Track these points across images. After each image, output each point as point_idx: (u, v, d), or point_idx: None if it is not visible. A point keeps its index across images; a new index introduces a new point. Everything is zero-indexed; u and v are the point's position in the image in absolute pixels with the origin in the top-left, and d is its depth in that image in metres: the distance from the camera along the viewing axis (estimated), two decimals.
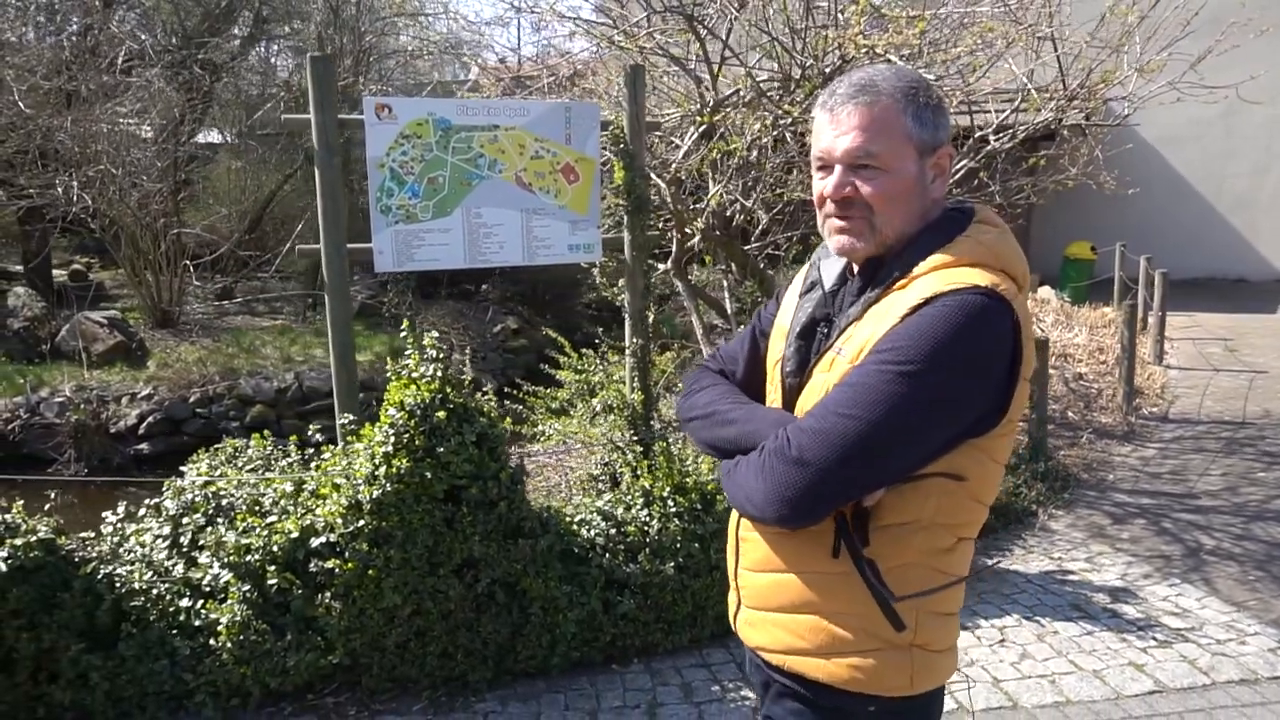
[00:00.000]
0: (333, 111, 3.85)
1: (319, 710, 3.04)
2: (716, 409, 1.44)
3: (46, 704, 2.90)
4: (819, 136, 1.33)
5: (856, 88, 1.28)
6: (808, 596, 1.33)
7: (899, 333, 1.20)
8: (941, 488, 1.26)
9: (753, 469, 1.28)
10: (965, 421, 1.23)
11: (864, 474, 1.21)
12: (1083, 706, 3.08)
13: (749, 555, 1.41)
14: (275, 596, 2.99)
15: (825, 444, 1.19)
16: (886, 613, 1.29)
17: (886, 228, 1.29)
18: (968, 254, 1.26)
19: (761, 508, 1.26)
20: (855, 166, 1.28)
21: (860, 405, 1.18)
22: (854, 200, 1.29)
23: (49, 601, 2.87)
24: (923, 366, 1.17)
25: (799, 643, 1.34)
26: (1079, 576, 4.11)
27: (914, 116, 1.28)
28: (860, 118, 1.27)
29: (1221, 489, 5.22)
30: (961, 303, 1.19)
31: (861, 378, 1.21)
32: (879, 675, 1.31)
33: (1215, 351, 9.11)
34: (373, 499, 2.89)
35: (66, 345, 7.88)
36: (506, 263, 4.36)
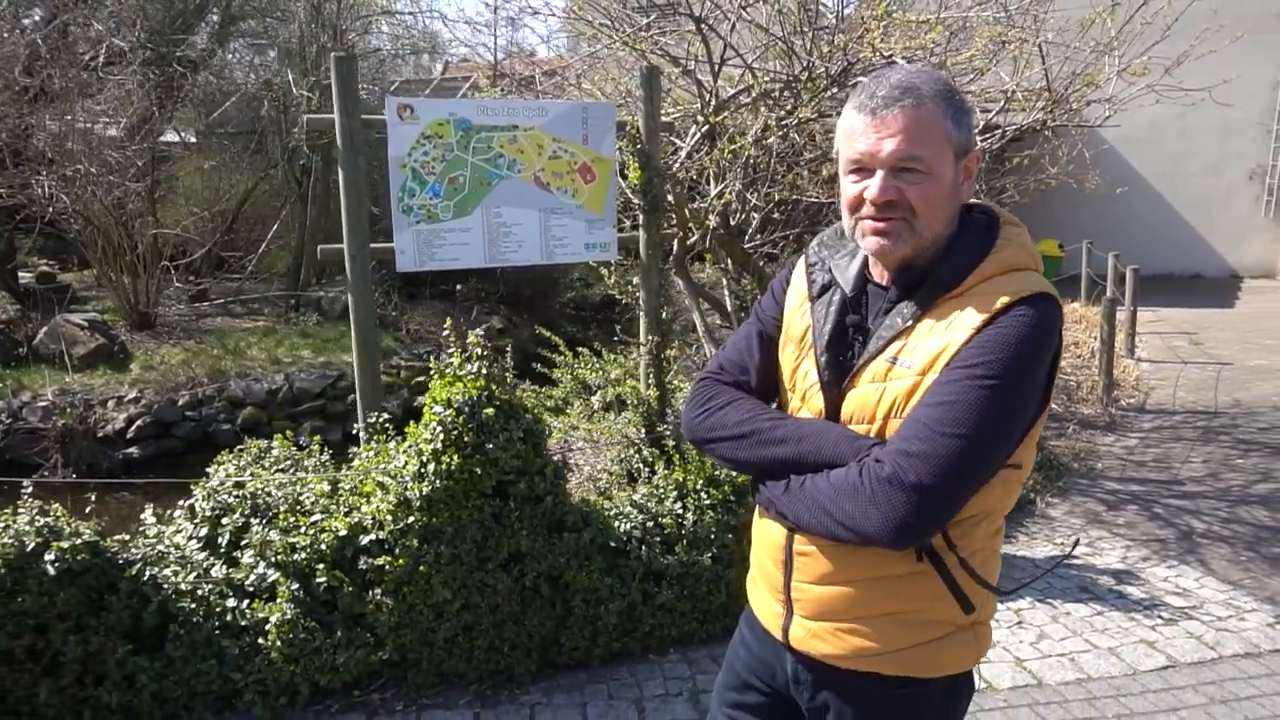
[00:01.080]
0: (357, 111, 3.86)
1: (366, 706, 3.06)
2: (755, 427, 1.41)
3: (93, 707, 2.88)
4: (855, 139, 1.31)
5: (900, 90, 1.27)
6: (882, 600, 1.35)
7: (981, 346, 1.22)
8: (1004, 478, 1.31)
9: (854, 495, 1.26)
10: (1031, 415, 1.29)
11: (972, 485, 1.25)
12: (1103, 682, 3.23)
13: (809, 570, 1.40)
14: (323, 594, 3.01)
15: (940, 467, 1.20)
16: (959, 599, 1.34)
17: (926, 231, 1.30)
18: (1019, 260, 1.31)
19: (874, 535, 1.24)
20: (899, 170, 1.28)
21: (965, 424, 1.20)
22: (897, 203, 1.28)
23: (95, 604, 2.86)
24: (1013, 379, 1.21)
25: (874, 645, 1.36)
26: (1083, 560, 4.28)
27: (953, 119, 1.29)
28: (906, 121, 1.26)
29: (1204, 475, 5.46)
30: (1036, 313, 1.23)
31: (956, 394, 1.21)
32: (952, 656, 1.37)
33: (1181, 345, 9.47)
34: (423, 495, 2.92)
35: (46, 348, 7.69)
36: (525, 262, 4.40)
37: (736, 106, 5.41)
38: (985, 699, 3.13)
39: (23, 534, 2.77)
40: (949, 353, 1.24)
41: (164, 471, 6.65)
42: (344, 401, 7.85)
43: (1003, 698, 3.14)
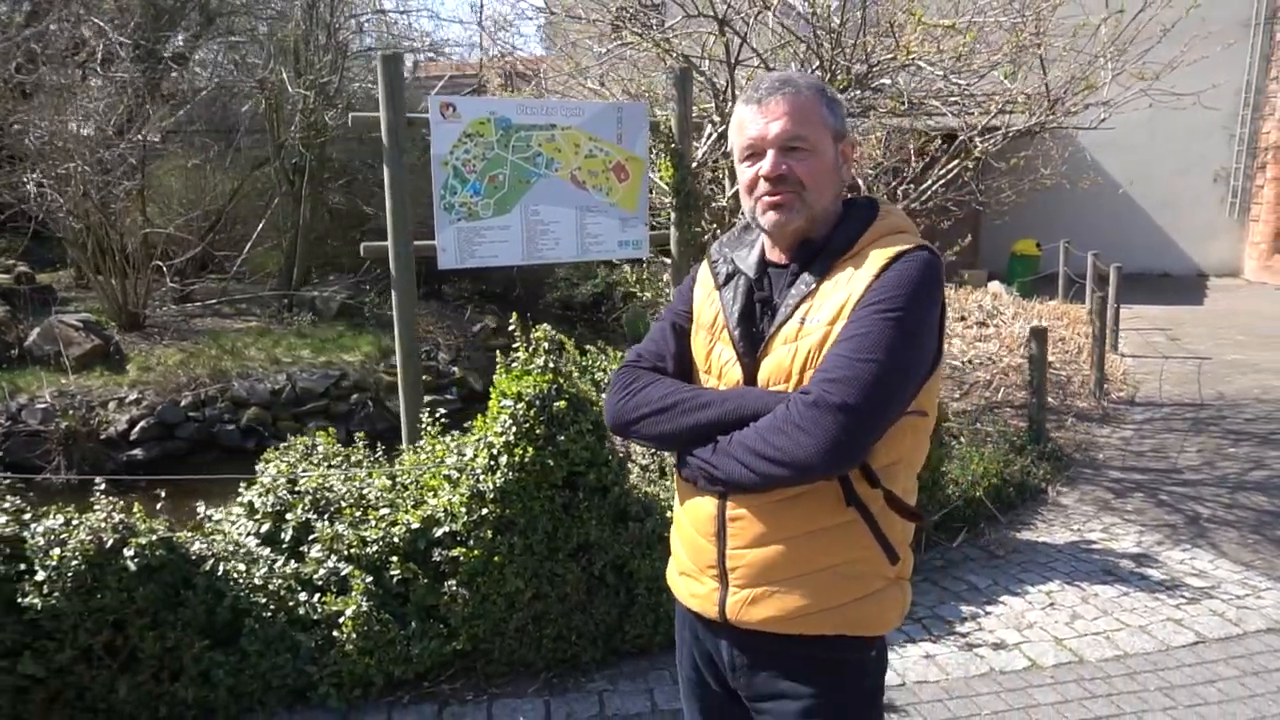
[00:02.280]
0: (402, 110, 3.90)
1: (436, 697, 3.10)
2: (678, 398, 1.47)
3: (168, 702, 2.89)
4: (746, 128, 1.46)
5: (779, 82, 1.45)
6: (817, 554, 1.41)
7: (883, 286, 1.35)
8: (913, 425, 1.42)
9: (785, 427, 1.32)
10: (930, 357, 1.41)
11: (891, 409, 1.34)
12: (1140, 658, 3.39)
13: (743, 534, 1.44)
14: (395, 587, 3.05)
15: (861, 387, 1.29)
16: (885, 549, 1.42)
17: (815, 203, 1.44)
18: (900, 225, 1.47)
19: (808, 460, 1.30)
20: (787, 149, 1.43)
21: (876, 349, 1.31)
22: (787, 177, 1.42)
23: (172, 600, 2.86)
24: (909, 312, 1.34)
25: (812, 603, 1.41)
26: (1101, 545, 4.46)
27: (827, 107, 1.46)
28: (788, 105, 1.43)
29: (1201, 464, 5.69)
30: (922, 258, 1.39)
31: (865, 327, 1.33)
32: (882, 612, 1.45)
33: (1160, 340, 9.80)
34: (496, 487, 2.97)
35: (39, 349, 7.54)
36: (561, 259, 4.47)
37: None
38: (1034, 676, 3.27)
39: (101, 531, 2.77)
40: (853, 299, 1.36)
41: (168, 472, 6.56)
42: (347, 401, 7.82)
43: (1049, 675, 3.28)
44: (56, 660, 2.74)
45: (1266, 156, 13.50)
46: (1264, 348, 9.20)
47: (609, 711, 3.03)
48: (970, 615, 3.75)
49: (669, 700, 3.09)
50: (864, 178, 5.73)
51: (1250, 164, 13.79)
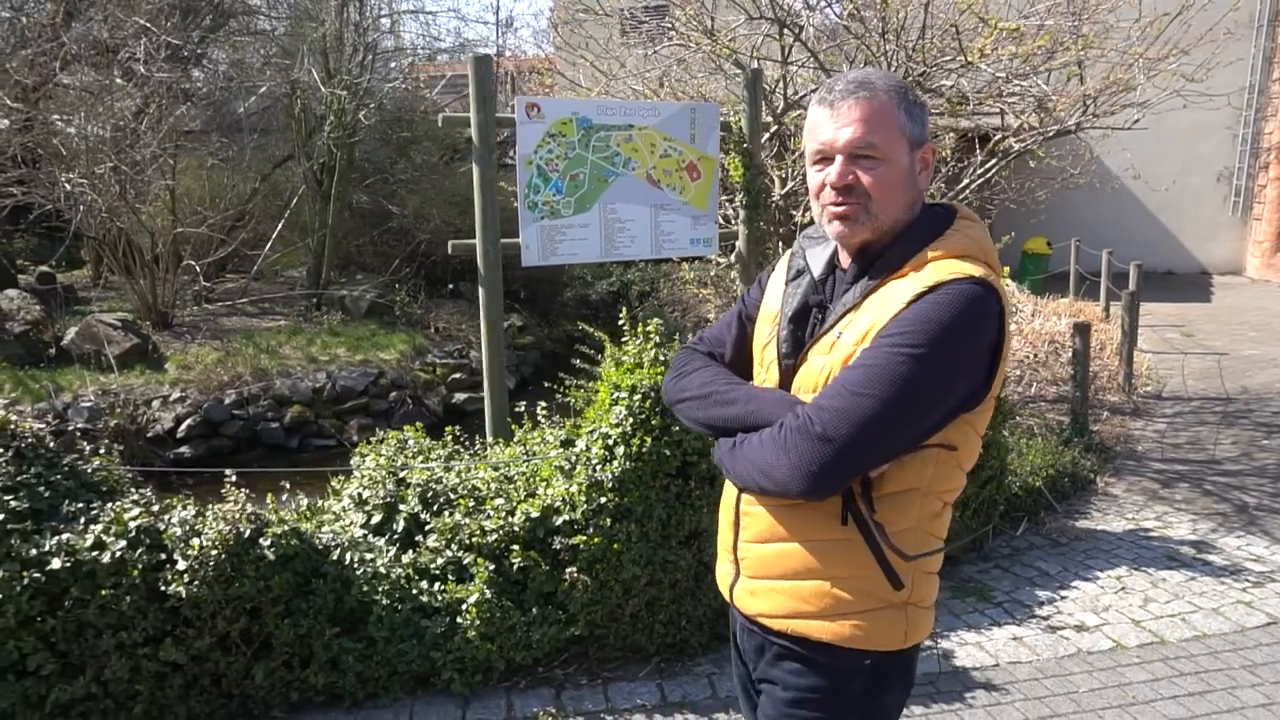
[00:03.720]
0: (492, 110, 3.97)
1: (552, 681, 3.19)
2: (714, 389, 1.49)
3: (299, 688, 2.97)
4: (817, 131, 1.41)
5: (855, 84, 1.38)
6: (813, 563, 1.41)
7: (906, 318, 1.29)
8: (937, 457, 1.37)
9: (772, 445, 1.34)
10: (960, 397, 1.34)
11: (880, 448, 1.30)
12: (1218, 639, 3.52)
13: (751, 528, 1.48)
14: (515, 575, 3.13)
15: (847, 422, 1.27)
16: (887, 573, 1.39)
17: (882, 214, 1.38)
18: (959, 247, 1.37)
19: (785, 482, 1.32)
20: (855, 156, 1.37)
21: (876, 385, 1.27)
22: (854, 187, 1.37)
23: (303, 588, 2.94)
24: (929, 350, 1.27)
25: (803, 607, 1.42)
26: (1158, 533, 4.60)
27: (906, 112, 1.38)
28: (861, 110, 1.36)
29: (1239, 455, 5.86)
30: (960, 291, 1.29)
31: (875, 359, 1.29)
32: (878, 632, 1.42)
33: (1175, 337, 9.99)
34: (614, 477, 3.07)
35: (78, 348, 7.55)
36: (637, 256, 4.56)
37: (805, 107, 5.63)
38: (1120, 656, 3.39)
39: (236, 521, 2.85)
40: (879, 325, 1.32)
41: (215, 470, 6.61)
42: (386, 399, 7.88)
43: (1135, 655, 3.41)
44: (195, 647, 2.81)
45: (1269, 156, 13.76)
46: (1279, 343, 9.41)
47: (720, 694, 3.13)
48: (1047, 600, 3.87)
49: None
50: None
51: (1253, 164, 14.05)
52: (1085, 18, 4.88)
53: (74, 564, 2.72)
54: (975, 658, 3.40)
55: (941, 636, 3.56)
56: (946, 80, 4.81)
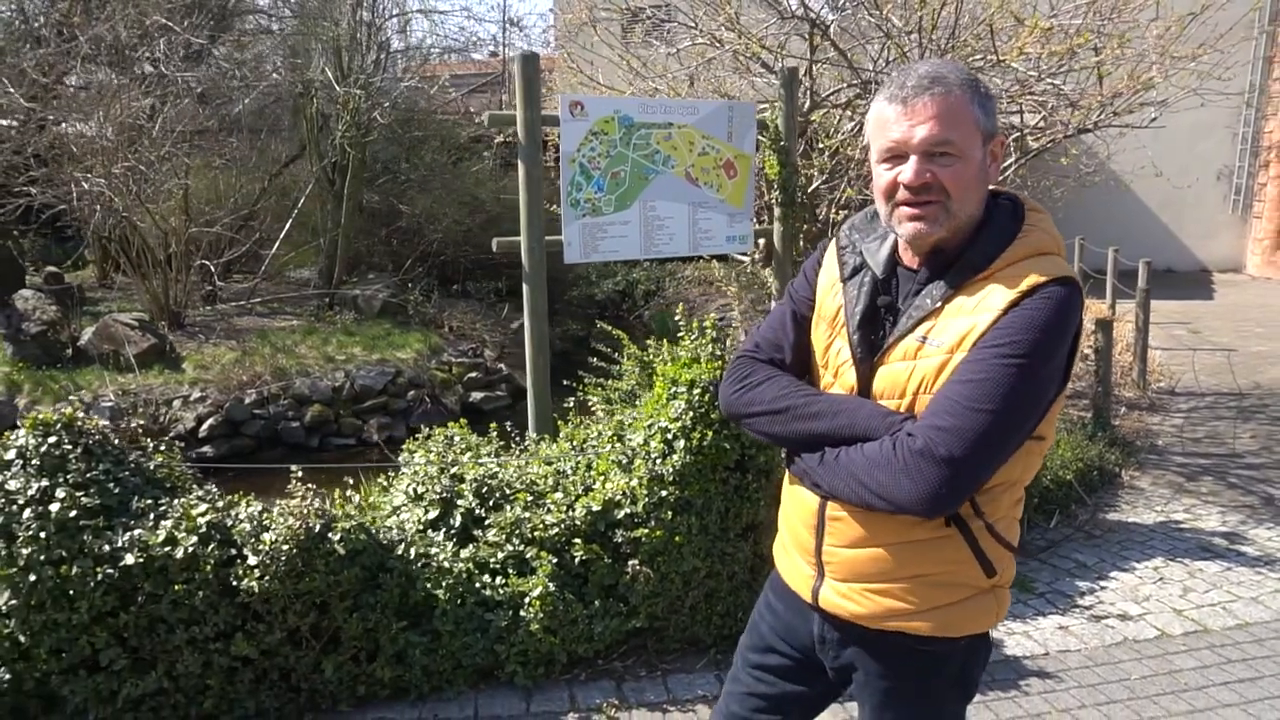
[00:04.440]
0: (538, 108, 4.00)
1: (612, 673, 3.22)
2: (791, 403, 1.46)
3: (366, 682, 2.99)
4: (888, 128, 1.36)
5: (929, 79, 1.33)
6: (909, 563, 1.43)
7: (1010, 326, 1.28)
8: (1028, 449, 1.39)
9: (889, 467, 1.32)
10: (1055, 393, 1.36)
11: (998, 461, 1.32)
12: (1260, 626, 3.58)
13: (841, 534, 1.47)
14: (576, 568, 3.16)
15: (969, 441, 1.26)
16: (982, 563, 1.43)
17: (961, 212, 1.35)
18: (1045, 244, 1.37)
19: (907, 504, 1.31)
20: (932, 154, 1.33)
21: (992, 399, 1.26)
22: (931, 185, 1.33)
23: (371, 583, 2.96)
24: (1037, 358, 1.27)
25: (899, 605, 1.44)
26: (1188, 525, 4.66)
27: (980, 106, 1.35)
28: (937, 107, 1.32)
29: (1259, 449, 5.94)
30: (1056, 295, 1.30)
31: (985, 372, 1.28)
32: (973, 617, 1.46)
33: (1182, 334, 10.09)
34: (675, 470, 3.10)
35: (95, 348, 7.53)
36: (675, 253, 4.60)
37: (831, 105, 5.67)
38: (1167, 644, 3.45)
39: (305, 517, 2.86)
40: (976, 332, 1.30)
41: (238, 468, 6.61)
42: (404, 398, 7.89)
43: (1181, 643, 3.46)
44: (266, 641, 2.83)
45: (1269, 155, 13.90)
46: None
47: None
48: (1088, 590, 3.93)
49: None
50: None
51: (1253, 162, 14.19)
52: (1114, 17, 4.94)
53: (147, 559, 2.73)
54: (1025, 647, 3.44)
55: None
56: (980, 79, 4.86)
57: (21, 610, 2.70)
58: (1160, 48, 5.21)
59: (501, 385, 8.75)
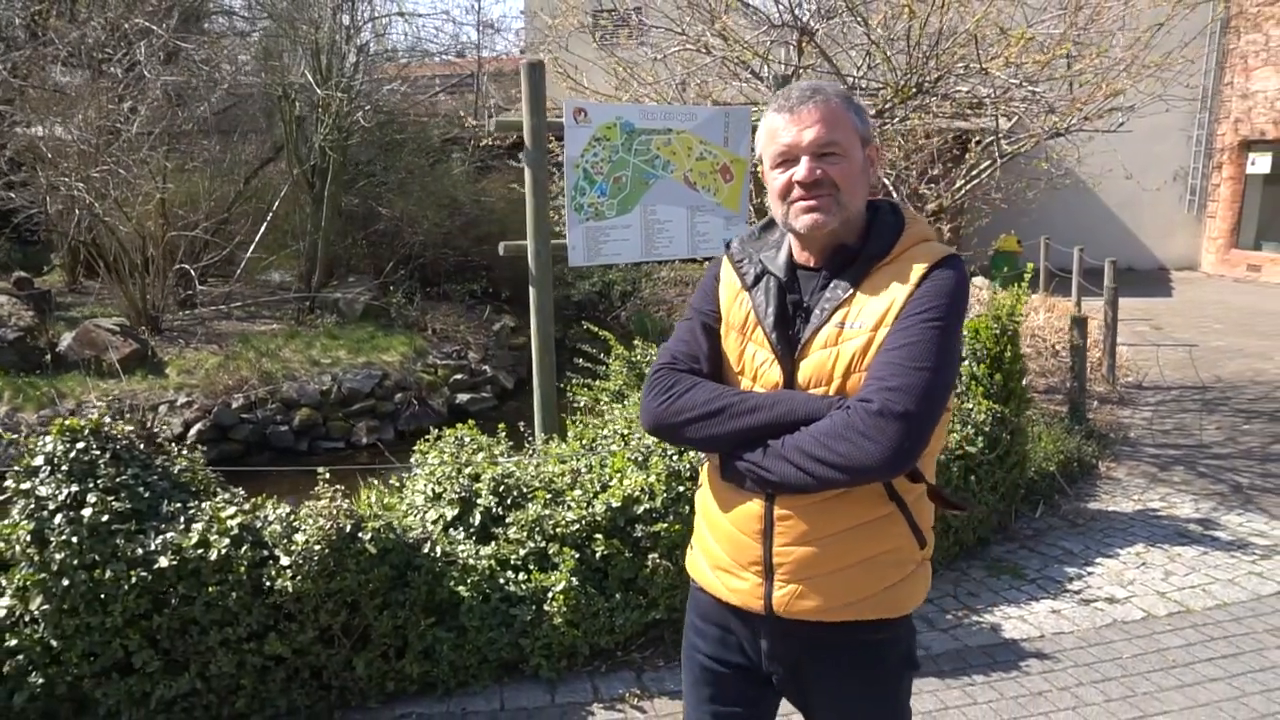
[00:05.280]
0: (544, 114, 4.09)
1: (631, 664, 3.32)
2: (726, 403, 1.49)
3: (394, 678, 3.06)
4: (779, 135, 1.50)
5: (811, 90, 1.50)
6: (860, 547, 1.49)
7: (925, 295, 1.43)
8: (943, 419, 1.50)
9: (847, 434, 1.37)
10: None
11: (939, 413, 1.43)
12: (1238, 606, 3.79)
13: (790, 532, 1.50)
14: (597, 562, 3.25)
15: (918, 396, 1.36)
16: (916, 535, 1.52)
17: (850, 204, 1.49)
18: (928, 233, 1.55)
19: (872, 465, 1.36)
20: (820, 154, 1.47)
21: (928, 358, 1.38)
22: (823, 181, 1.46)
23: (399, 580, 3.02)
24: (953, 319, 1.43)
25: (859, 592, 1.49)
26: (1165, 512, 4.89)
27: (855, 113, 1.51)
28: (820, 113, 1.47)
29: (1224, 440, 6.21)
30: (958, 267, 1.48)
31: (917, 335, 1.40)
32: (914, 593, 1.55)
33: (1145, 329, 10.46)
34: (691, 465, 3.21)
35: (75, 354, 7.43)
36: (674, 256, 4.70)
37: None
38: (1153, 624, 3.64)
39: (335, 517, 2.92)
40: (897, 306, 1.43)
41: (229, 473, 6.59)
42: (392, 400, 7.90)
43: (1166, 623, 3.66)
44: (298, 640, 2.88)
45: (1222, 157, 14.42)
46: (1243, 335, 9.92)
47: None
48: (1075, 576, 4.12)
49: None
50: (889, 177, 6.09)
51: (1207, 164, 14.71)
52: (1088, 27, 5.16)
53: (180, 562, 2.77)
54: (1021, 630, 3.61)
55: (986, 611, 3.77)
56: (963, 86, 5.05)
57: (54, 615, 2.72)
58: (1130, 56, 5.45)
59: (487, 387, 8.79)
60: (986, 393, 4.42)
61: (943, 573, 4.13)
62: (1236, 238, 14.64)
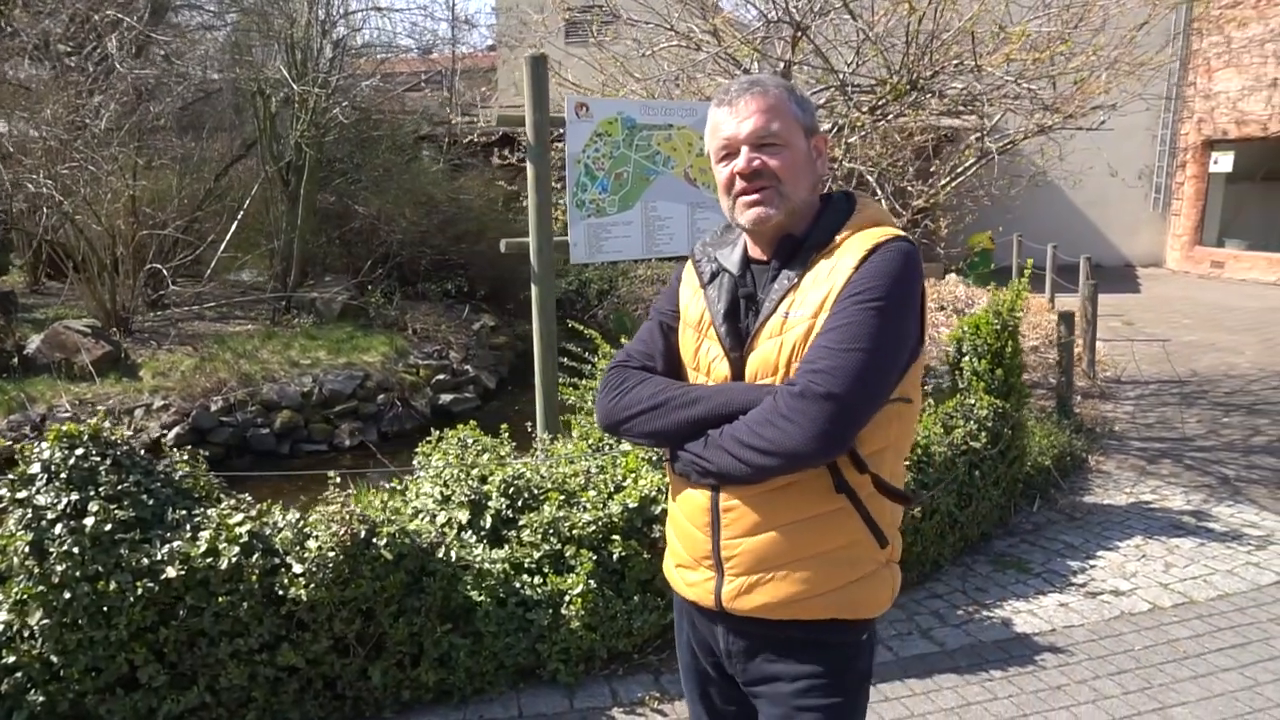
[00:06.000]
0: (546, 110, 4.02)
1: (648, 667, 3.27)
2: (669, 396, 1.50)
3: (410, 687, 2.98)
4: (720, 128, 1.50)
5: (749, 83, 1.50)
6: (809, 541, 1.44)
7: (862, 276, 1.38)
8: (898, 412, 1.45)
9: (773, 419, 1.36)
10: (911, 345, 1.43)
11: (874, 398, 1.37)
12: (1240, 596, 3.85)
13: (737, 524, 1.48)
14: (615, 564, 3.20)
15: (845, 378, 1.33)
16: (875, 533, 1.46)
17: (793, 195, 1.46)
18: (878, 217, 1.50)
19: (797, 449, 1.34)
20: (760, 145, 1.45)
21: (859, 339, 1.34)
22: (763, 171, 1.45)
23: (414, 587, 2.94)
24: (890, 301, 1.37)
25: (806, 589, 1.44)
26: (1158, 505, 4.96)
27: (797, 104, 1.50)
28: (758, 104, 1.46)
29: (1206, 432, 6.33)
30: (898, 247, 1.42)
31: (848, 318, 1.36)
32: (874, 595, 1.48)
33: (1117, 325, 10.64)
34: None
35: (44, 357, 7.18)
36: (675, 253, 4.65)
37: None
38: (1160, 616, 3.68)
39: (349, 523, 2.83)
40: (835, 291, 1.39)
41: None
42: (374, 402, 7.75)
43: (1172, 614, 3.70)
44: (312, 650, 2.79)
45: (1186, 156, 14.75)
46: (1213, 329, 10.15)
47: None
48: (1079, 569, 4.15)
49: None
50: (872, 174, 6.11)
51: (1171, 163, 15.03)
52: (1078, 25, 5.21)
53: (188, 572, 2.66)
54: (1032, 624, 3.63)
55: (996, 606, 3.78)
56: (957, 83, 5.07)
57: (55, 629, 2.60)
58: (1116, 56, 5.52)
59: (469, 387, 8.67)
60: (988, 388, 4.44)
61: (948, 568, 4.14)
62: (1200, 235, 14.98)
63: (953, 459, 4.08)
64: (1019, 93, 4.94)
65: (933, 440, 4.06)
